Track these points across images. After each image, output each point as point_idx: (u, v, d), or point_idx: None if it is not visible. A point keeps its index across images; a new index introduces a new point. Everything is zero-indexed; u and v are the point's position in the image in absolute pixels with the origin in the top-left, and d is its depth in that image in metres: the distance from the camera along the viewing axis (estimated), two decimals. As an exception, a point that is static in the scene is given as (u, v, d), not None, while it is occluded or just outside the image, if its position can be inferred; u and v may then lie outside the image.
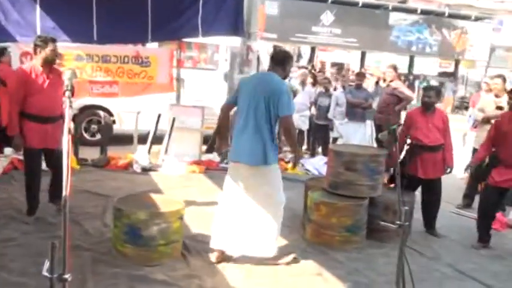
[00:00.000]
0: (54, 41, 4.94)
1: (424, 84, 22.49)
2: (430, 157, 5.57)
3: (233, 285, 4.01)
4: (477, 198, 7.05)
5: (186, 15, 7.78)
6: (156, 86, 8.28)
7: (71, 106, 2.36)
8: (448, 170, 5.73)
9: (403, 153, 5.75)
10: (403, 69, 23.29)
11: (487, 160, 5.38)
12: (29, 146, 4.97)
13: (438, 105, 5.95)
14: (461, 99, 24.42)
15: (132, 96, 8.30)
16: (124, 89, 8.05)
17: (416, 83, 22.37)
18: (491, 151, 5.37)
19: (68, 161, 2.18)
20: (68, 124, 2.26)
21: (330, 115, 9.28)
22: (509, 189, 5.40)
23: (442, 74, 26.50)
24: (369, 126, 9.39)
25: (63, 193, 2.15)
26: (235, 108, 4.53)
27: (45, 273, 1.98)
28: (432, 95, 5.62)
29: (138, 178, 7.19)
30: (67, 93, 2.40)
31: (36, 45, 4.90)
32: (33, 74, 4.86)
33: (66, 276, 2.04)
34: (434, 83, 22.36)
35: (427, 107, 5.63)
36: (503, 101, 6.84)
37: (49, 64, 4.93)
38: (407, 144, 5.74)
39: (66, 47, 7.10)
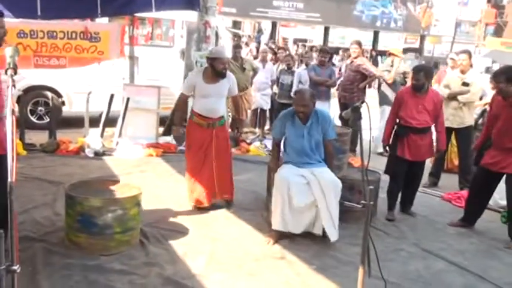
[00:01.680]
0: (1, 15, 4.23)
1: (384, 60, 22.86)
2: (418, 139, 5.59)
3: (195, 272, 4.03)
4: (443, 177, 7.34)
5: (137, -13, 7.60)
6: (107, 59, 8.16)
7: (14, 86, 2.30)
8: (439, 153, 5.85)
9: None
10: (368, 45, 23.60)
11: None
12: None
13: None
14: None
15: (81, 66, 8.08)
16: (72, 62, 7.87)
17: (379, 58, 22.71)
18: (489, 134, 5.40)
19: (12, 145, 2.13)
20: (12, 105, 2.20)
21: (292, 94, 9.32)
22: (499, 174, 5.32)
23: (408, 50, 26.96)
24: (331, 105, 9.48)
25: (9, 179, 2.11)
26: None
27: (-9, 265, 1.94)
28: (421, 77, 5.52)
29: (90, 163, 7.08)
30: (9, 72, 2.33)
31: None
32: None
33: (15, 267, 2.00)
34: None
35: (417, 89, 5.57)
36: (469, 77, 7.03)
37: None
38: (396, 124, 5.74)
39: (6, 22, 6.84)
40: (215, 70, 5.20)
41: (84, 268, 3.90)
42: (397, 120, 5.73)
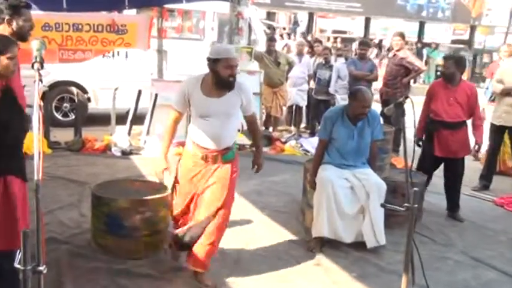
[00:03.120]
0: (29, 7, 3.90)
1: (436, 53, 22.49)
2: (449, 135, 5.59)
3: (225, 277, 4.06)
4: (495, 180, 7.18)
5: (166, -22, 7.73)
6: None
7: (40, 80, 2.36)
8: (477, 147, 5.83)
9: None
10: (413, 37, 23.23)
11: None
12: None
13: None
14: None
15: (106, 53, 8.23)
16: (98, 55, 8.05)
17: (425, 51, 22.30)
18: None
19: (39, 143, 2.19)
20: (38, 100, 2.26)
21: (331, 89, 9.28)
22: None
23: (456, 42, 26.45)
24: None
25: (35, 177, 2.17)
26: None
27: (17, 265, 1.99)
28: (450, 65, 5.55)
29: (117, 162, 7.20)
30: (36, 66, 2.40)
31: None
32: None
33: (41, 268, 2.05)
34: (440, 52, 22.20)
35: (447, 79, 5.60)
36: (526, 69, 6.84)
37: (21, 41, 3.69)
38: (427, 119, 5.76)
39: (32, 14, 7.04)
40: (219, 77, 3.80)
41: (111, 272, 3.97)
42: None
